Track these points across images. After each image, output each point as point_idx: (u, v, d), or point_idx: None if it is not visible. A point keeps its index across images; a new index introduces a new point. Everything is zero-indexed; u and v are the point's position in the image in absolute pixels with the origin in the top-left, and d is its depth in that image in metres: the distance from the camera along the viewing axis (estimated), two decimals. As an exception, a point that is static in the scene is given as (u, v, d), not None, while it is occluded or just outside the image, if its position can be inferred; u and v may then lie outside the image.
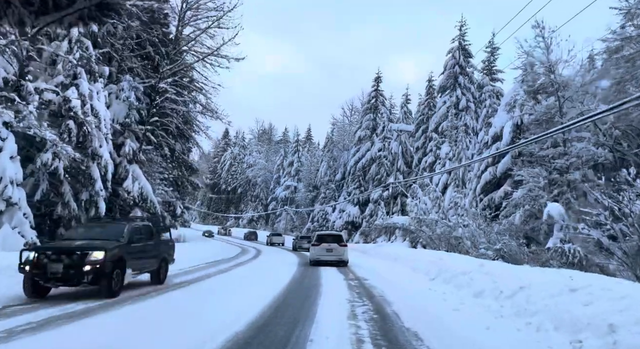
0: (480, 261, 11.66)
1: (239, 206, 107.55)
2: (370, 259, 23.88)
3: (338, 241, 21.32)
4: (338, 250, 20.69)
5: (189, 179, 39.20)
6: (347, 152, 66.02)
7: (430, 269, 13.68)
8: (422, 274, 13.97)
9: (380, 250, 25.23)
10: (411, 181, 41.46)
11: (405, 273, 15.18)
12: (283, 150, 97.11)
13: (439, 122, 45.27)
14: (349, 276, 15.41)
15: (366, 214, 49.41)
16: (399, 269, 16.59)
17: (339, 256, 20.55)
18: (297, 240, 39.48)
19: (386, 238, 39.95)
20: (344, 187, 62.23)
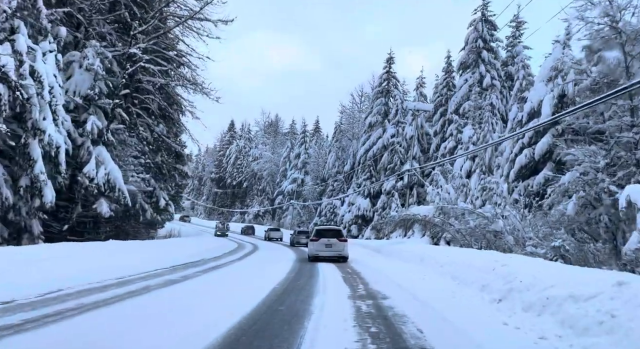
0: (607, 272, 6.55)
1: (244, 201, 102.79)
2: (385, 260, 18.80)
3: (337, 236, 20.16)
4: (338, 245, 19.65)
5: (175, 167, 34.28)
6: (356, 142, 60.80)
7: (488, 282, 8.59)
8: (474, 290, 8.89)
9: (398, 248, 20.09)
10: (429, 167, 36.29)
11: (445, 286, 10.10)
12: (290, 142, 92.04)
13: (460, 103, 39.97)
14: (357, 289, 10.33)
15: (378, 207, 44.28)
16: (433, 279, 11.50)
17: (338, 252, 19.56)
18: (294, 235, 36.64)
19: (401, 233, 34.79)
20: (354, 178, 57.07)
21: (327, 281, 11.99)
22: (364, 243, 29.95)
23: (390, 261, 17.99)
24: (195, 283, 11.37)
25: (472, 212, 19.34)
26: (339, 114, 67.63)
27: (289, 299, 8.65)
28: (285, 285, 11.06)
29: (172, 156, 32.72)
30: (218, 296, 9.24)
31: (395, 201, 39.85)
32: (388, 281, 11.69)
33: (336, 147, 66.94)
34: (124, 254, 15.81)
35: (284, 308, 7.67)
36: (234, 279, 12.63)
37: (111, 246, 16.58)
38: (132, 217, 28.94)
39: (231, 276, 13.19)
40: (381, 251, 22.12)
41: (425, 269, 13.29)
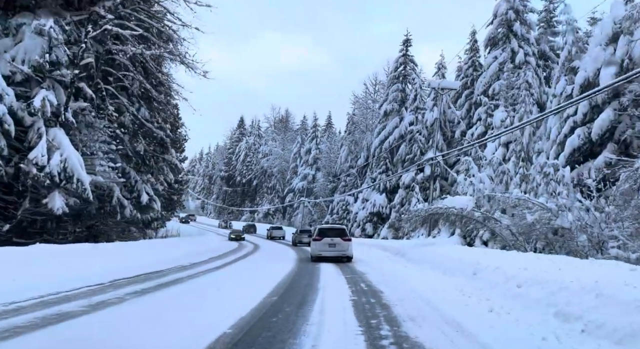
0: None
1: (254, 199, 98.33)
2: (415, 269, 13.90)
3: (341, 235, 19.13)
4: (341, 245, 18.63)
5: (163, 158, 29.75)
6: (370, 133, 55.87)
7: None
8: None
9: (429, 252, 15.20)
10: (454, 157, 31.28)
11: (548, 333, 5.22)
12: (300, 137, 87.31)
13: (489, 83, 34.84)
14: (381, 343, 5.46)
15: (395, 202, 39.34)
16: (515, 314, 6.48)
17: (342, 251, 18.59)
18: (296, 234, 34.96)
19: (424, 232, 29.85)
20: (368, 173, 52.14)
21: (329, 314, 7.15)
22: (381, 244, 25.08)
23: (422, 270, 13.12)
24: (103, 317, 6.64)
25: (526, 203, 14.36)
26: (352, 105, 62.81)
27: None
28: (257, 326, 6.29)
29: (157, 144, 28.20)
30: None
31: (415, 195, 34.91)
32: (435, 317, 6.79)
33: (349, 141, 62.05)
34: (51, 264, 11.19)
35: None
36: (183, 306, 7.87)
37: (37, 251, 11.95)
38: (107, 215, 24.45)
39: (182, 301, 8.43)
40: (405, 254, 17.28)
41: (484, 289, 8.41)
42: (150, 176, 29.55)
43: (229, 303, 8.11)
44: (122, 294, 8.58)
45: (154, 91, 26.92)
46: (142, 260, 15.47)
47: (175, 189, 51.61)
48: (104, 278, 10.62)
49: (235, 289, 9.60)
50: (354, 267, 15.51)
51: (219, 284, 10.56)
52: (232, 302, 8.09)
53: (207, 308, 7.59)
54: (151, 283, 10.28)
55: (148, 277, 11.39)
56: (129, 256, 15.91)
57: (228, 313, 6.77)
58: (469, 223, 17.46)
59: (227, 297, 8.77)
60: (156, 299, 8.24)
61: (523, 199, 14.35)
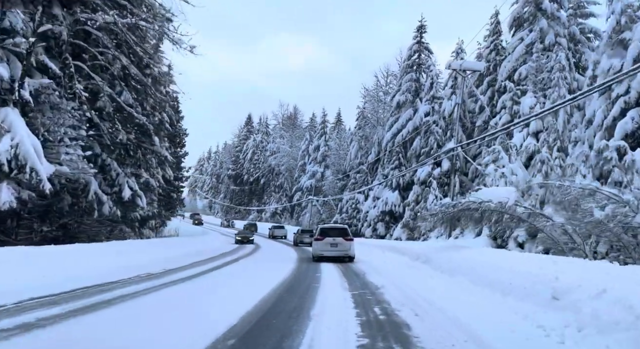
0: None
1: (261, 198, 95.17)
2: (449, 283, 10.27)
3: (343, 234, 18.71)
4: (343, 245, 18.17)
5: (152, 150, 26.59)
6: (381, 128, 52.39)
7: None
8: None
9: (465, 258, 11.64)
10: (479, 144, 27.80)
11: None
12: (308, 134, 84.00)
13: (514, 67, 31.30)
14: None
15: (410, 200, 35.82)
16: None
17: (344, 251, 18.16)
18: (298, 234, 33.90)
19: (443, 232, 26.43)
20: (379, 169, 48.68)
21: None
22: (396, 246, 21.59)
23: (459, 285, 9.61)
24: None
25: (593, 195, 10.84)
26: (362, 99, 59.33)
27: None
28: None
29: (144, 134, 25.03)
30: None
31: (433, 191, 31.44)
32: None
33: (359, 136, 58.59)
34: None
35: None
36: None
37: None
38: (83, 212, 21.30)
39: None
40: (430, 260, 13.80)
41: (585, 328, 4.99)
42: (139, 170, 26.42)
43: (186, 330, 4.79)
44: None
45: (140, 73, 23.74)
46: (99, 267, 12.24)
47: (174, 186, 48.58)
48: (12, 296, 7.35)
49: (172, 323, 6.23)
50: (365, 278, 12.13)
51: (158, 310, 7.22)
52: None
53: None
54: (68, 306, 6.98)
55: (76, 295, 8.09)
56: (86, 261, 12.66)
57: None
58: (508, 221, 13.99)
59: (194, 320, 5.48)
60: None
61: (590, 188, 10.84)
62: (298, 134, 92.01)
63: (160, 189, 38.84)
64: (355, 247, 18.70)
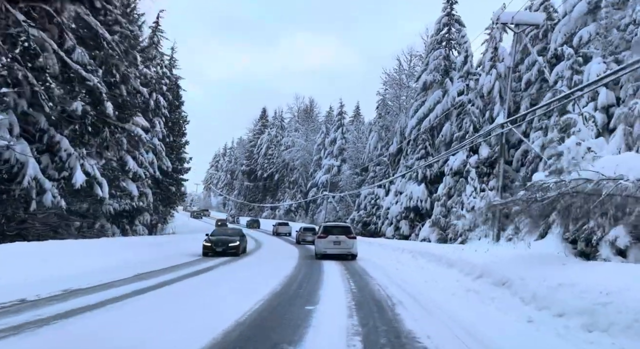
0: None
1: (275, 195, 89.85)
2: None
3: (346, 233, 18.30)
4: (346, 243, 17.87)
5: (122, 128, 21.34)
6: (404, 115, 46.51)
7: None
8: None
9: (617, 288, 5.78)
10: (530, 118, 22.01)
11: None
12: (324, 126, 78.35)
13: (573, 30, 25.20)
14: None
15: (440, 194, 29.89)
16: None
17: (347, 249, 17.87)
18: (300, 232, 32.80)
19: (489, 232, 20.69)
20: (401, 161, 42.85)
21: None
22: (433, 251, 15.59)
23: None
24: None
25: None
26: (382, 85, 53.37)
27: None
28: None
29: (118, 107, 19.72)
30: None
31: (471, 182, 25.57)
32: None
33: (378, 126, 52.70)
34: None
35: None
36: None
37: None
38: (17, 202, 16.07)
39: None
40: (511, 284, 7.57)
41: None
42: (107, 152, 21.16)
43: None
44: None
45: (102, 27, 18.45)
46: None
47: (173, 178, 43.41)
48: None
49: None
50: (401, 324, 6.31)
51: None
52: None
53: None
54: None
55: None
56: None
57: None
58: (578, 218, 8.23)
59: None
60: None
61: None
62: (313, 128, 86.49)
63: (150, 180, 33.69)
64: (376, 251, 17.80)
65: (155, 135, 37.87)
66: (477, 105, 29.59)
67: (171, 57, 49.09)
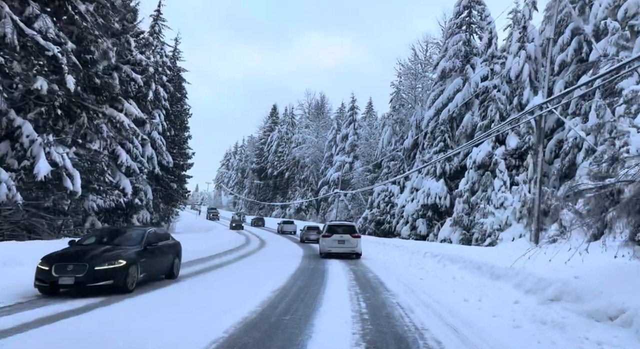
0: None
1: (286, 193, 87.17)
2: None
3: (351, 232, 18.24)
4: (351, 242, 17.84)
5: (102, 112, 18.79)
6: (420, 107, 43.48)
7: None
8: None
9: None
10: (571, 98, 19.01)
11: None
12: (336, 123, 75.45)
13: (617, 2, 22.07)
14: None
15: (462, 189, 26.84)
16: None
17: (351, 248, 17.81)
18: (304, 231, 32.28)
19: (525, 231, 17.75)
20: (417, 155, 39.86)
21: None
22: (472, 258, 12.20)
23: None
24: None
25: None
26: (397, 77, 50.26)
27: None
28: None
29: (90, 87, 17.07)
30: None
31: (499, 175, 22.55)
32: None
33: (392, 120, 49.67)
34: None
35: None
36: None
37: None
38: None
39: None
40: None
41: None
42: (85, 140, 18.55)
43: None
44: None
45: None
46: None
47: (174, 175, 40.84)
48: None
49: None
50: None
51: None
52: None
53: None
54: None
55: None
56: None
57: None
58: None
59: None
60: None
61: None
62: (324, 124, 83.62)
63: (145, 175, 31.16)
64: (392, 254, 16.24)
65: (154, 128, 35.36)
66: (504, 91, 26.48)
67: (175, 49, 46.64)
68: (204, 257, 16.04)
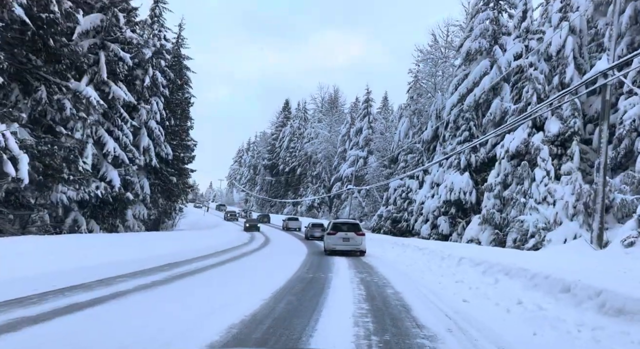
0: None
1: (297, 190, 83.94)
2: None
3: (355, 230, 18.51)
4: (355, 239, 18.08)
5: (63, 85, 15.65)
6: (441, 95, 39.88)
7: None
8: None
9: None
10: None
11: None
12: (350, 116, 71.95)
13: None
14: None
15: (492, 182, 23.22)
16: None
17: (356, 246, 18.09)
18: (309, 228, 31.84)
19: (577, 233, 14.20)
20: (438, 148, 36.27)
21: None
22: (580, 284, 8.76)
23: None
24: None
25: None
26: (415, 64, 46.52)
27: None
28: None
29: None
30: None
31: (542, 165, 18.97)
32: None
33: (410, 111, 46.02)
34: None
35: None
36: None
37: None
38: None
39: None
40: None
41: None
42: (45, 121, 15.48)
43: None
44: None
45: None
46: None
47: (175, 168, 37.81)
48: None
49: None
50: None
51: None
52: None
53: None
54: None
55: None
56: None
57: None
58: None
59: None
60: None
61: None
62: (338, 118, 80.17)
63: (135, 166, 28.11)
64: (414, 258, 14.46)
65: (152, 116, 32.38)
66: (542, 69, 22.79)
67: (178, 35, 43.68)
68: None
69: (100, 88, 24.22)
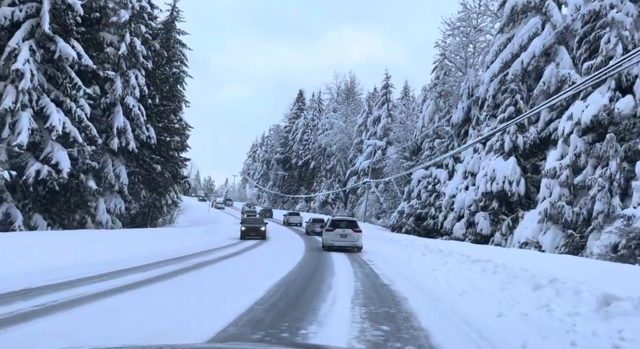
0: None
1: (311, 185, 78.39)
2: None
3: (353, 226, 19.17)
4: (352, 236, 18.70)
5: None
6: (473, 71, 33.87)
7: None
8: None
9: None
10: None
11: None
12: (367, 104, 66.03)
13: None
14: None
15: (552, 167, 17.28)
16: None
17: (353, 242, 18.67)
18: (310, 223, 32.63)
19: None
20: (470, 131, 30.37)
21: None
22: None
23: None
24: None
25: None
26: (442, 39, 40.26)
27: None
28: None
29: None
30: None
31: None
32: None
33: (436, 93, 40.03)
34: None
35: None
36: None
37: None
38: None
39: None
40: None
41: None
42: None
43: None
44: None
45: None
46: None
47: (160, 155, 32.46)
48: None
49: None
50: None
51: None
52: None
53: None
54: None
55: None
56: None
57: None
58: None
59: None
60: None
61: None
62: (354, 108, 74.29)
63: (95, 145, 22.66)
64: (475, 285, 8.55)
65: (129, 92, 27.04)
66: (628, 11, 16.71)
67: (173, 7, 38.35)
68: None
69: (45, 46, 19.01)
